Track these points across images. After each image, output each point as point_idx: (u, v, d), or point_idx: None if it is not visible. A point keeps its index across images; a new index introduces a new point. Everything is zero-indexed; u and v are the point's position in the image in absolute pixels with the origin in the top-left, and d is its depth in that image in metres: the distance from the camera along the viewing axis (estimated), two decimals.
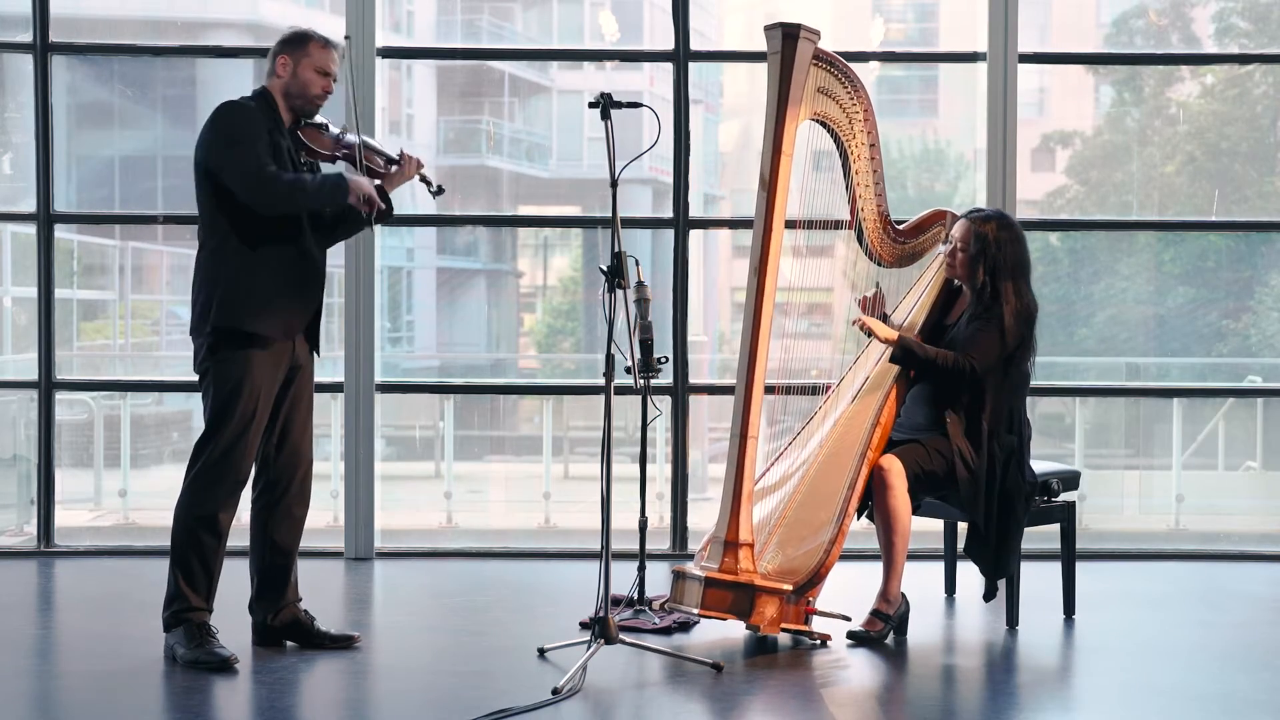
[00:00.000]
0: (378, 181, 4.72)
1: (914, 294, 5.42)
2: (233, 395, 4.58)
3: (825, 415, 5.29)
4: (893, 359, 5.11)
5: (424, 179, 4.93)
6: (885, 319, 5.30)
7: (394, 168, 4.83)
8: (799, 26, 4.96)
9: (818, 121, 5.15)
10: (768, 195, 4.98)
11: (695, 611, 4.85)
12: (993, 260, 5.09)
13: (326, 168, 4.86)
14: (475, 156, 15.12)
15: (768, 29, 5.00)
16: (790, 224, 5.10)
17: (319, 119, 4.77)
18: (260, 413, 4.63)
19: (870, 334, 5.11)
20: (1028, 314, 5.10)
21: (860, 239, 5.26)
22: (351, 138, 4.76)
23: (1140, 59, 12.25)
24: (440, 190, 4.95)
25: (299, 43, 4.70)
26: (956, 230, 5.19)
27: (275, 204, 4.56)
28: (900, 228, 5.31)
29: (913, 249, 5.36)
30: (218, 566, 4.65)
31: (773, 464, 5.29)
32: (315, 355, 4.85)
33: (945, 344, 5.17)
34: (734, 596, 4.83)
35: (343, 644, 4.84)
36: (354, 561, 6.51)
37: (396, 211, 4.89)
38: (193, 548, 4.61)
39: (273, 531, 4.78)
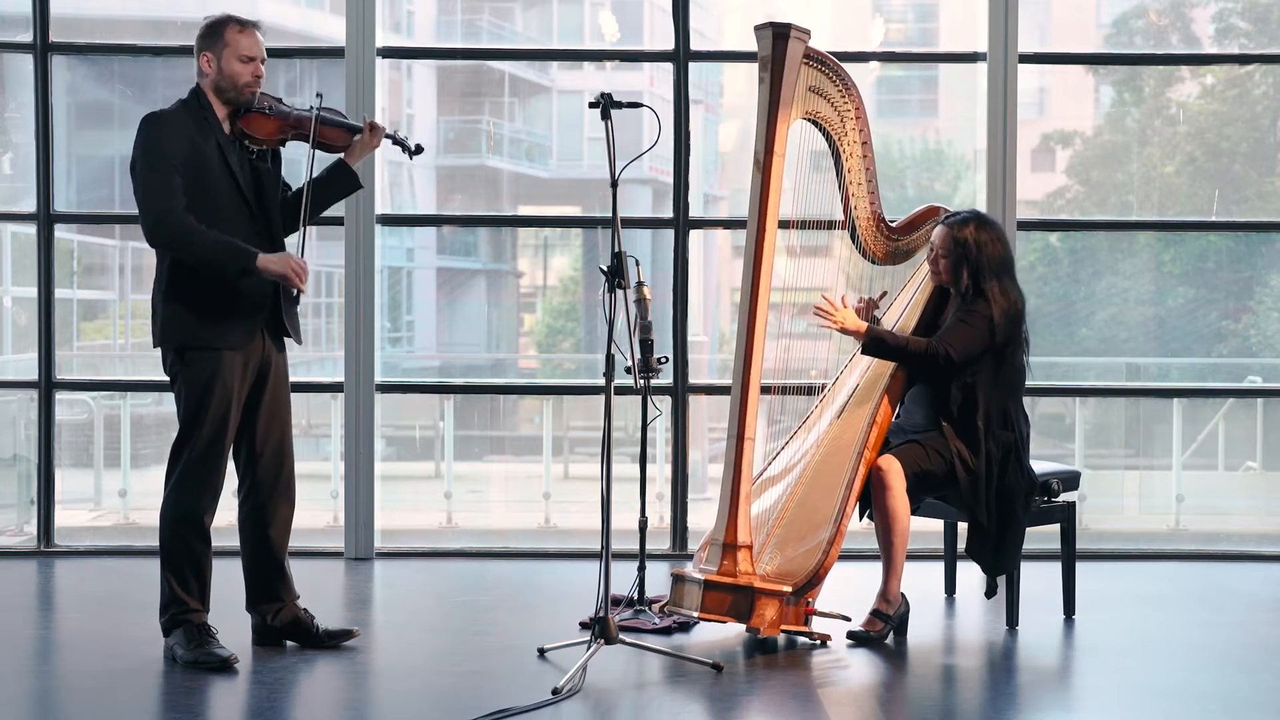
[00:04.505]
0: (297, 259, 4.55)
1: (906, 293, 5.42)
2: (204, 398, 4.58)
3: (821, 414, 5.29)
4: (864, 350, 5.12)
5: (396, 140, 4.82)
6: (876, 320, 5.30)
7: (357, 137, 4.75)
8: (789, 26, 4.96)
9: (810, 120, 5.15)
10: (760, 196, 4.98)
11: (695, 615, 4.85)
12: (975, 263, 5.09)
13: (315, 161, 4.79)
14: (475, 156, 15.09)
15: (758, 29, 5.00)
16: (784, 224, 5.10)
17: (267, 97, 4.65)
18: (232, 413, 4.62)
19: (843, 329, 5.08)
20: (1015, 311, 5.10)
21: (854, 237, 5.26)
22: (303, 113, 4.66)
23: (1140, 59, 12.23)
24: (419, 149, 4.87)
25: (216, 35, 4.58)
26: (936, 238, 5.19)
27: (168, 246, 4.50)
28: (894, 225, 5.31)
29: (906, 246, 5.36)
30: (209, 568, 4.65)
31: (770, 464, 5.29)
32: (297, 343, 4.78)
33: None
34: (733, 599, 4.83)
35: (342, 638, 4.84)
36: (354, 561, 6.51)
37: (398, 211, 4.88)
38: (182, 552, 4.61)
39: (261, 532, 4.77)
